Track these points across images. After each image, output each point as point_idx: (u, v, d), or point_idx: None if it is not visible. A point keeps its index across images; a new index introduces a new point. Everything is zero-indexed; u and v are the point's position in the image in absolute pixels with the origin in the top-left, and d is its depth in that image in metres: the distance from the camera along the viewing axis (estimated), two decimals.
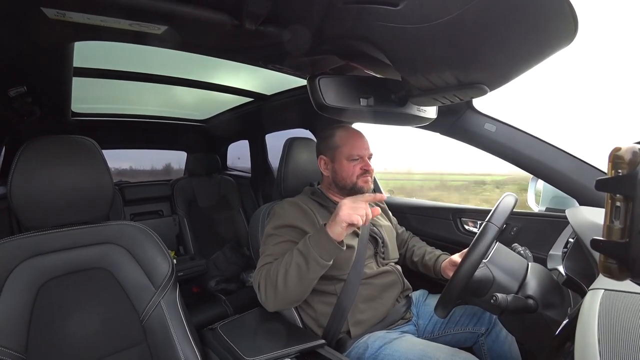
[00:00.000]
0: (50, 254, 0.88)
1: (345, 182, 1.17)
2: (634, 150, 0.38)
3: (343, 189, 1.19)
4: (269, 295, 0.97)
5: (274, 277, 0.95)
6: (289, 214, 1.10)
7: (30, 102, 1.22)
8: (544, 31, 0.56)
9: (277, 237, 1.07)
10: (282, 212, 1.12)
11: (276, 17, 0.76)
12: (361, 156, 1.16)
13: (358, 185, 1.16)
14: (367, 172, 1.16)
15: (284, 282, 0.93)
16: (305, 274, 0.92)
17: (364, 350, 1.02)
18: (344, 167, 1.16)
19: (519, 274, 0.91)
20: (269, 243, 1.08)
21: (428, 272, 1.30)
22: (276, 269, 0.96)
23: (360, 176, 1.16)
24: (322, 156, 1.22)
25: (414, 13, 0.56)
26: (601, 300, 0.50)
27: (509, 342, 1.13)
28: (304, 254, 0.93)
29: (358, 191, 1.17)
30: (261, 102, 1.92)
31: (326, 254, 0.91)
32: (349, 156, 1.16)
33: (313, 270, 0.92)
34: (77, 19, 0.70)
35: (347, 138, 1.18)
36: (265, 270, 1.00)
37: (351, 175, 1.16)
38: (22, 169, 0.83)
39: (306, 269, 0.92)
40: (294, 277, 0.93)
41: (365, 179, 1.16)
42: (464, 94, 0.74)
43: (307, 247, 0.92)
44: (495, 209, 0.93)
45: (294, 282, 0.93)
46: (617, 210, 0.40)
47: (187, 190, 2.47)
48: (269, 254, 1.04)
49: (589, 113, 3.93)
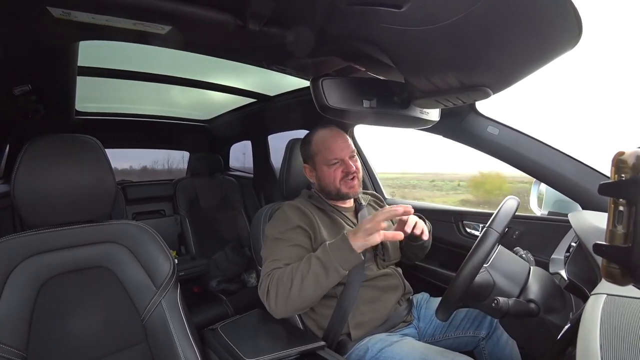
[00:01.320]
0: (53, 252, 0.88)
1: (330, 189, 1.15)
2: (638, 154, 0.38)
3: (329, 195, 1.17)
4: (279, 302, 0.94)
5: (287, 284, 0.92)
6: (290, 217, 1.09)
7: (35, 101, 1.22)
8: (547, 34, 0.56)
9: (285, 241, 1.04)
10: (285, 215, 1.10)
11: (280, 18, 0.76)
12: (340, 158, 1.13)
13: (342, 191, 1.13)
14: (348, 175, 1.12)
15: (299, 290, 0.91)
16: (322, 283, 0.90)
17: (364, 352, 1.02)
18: (324, 173, 1.14)
19: (520, 277, 0.91)
20: (277, 247, 1.04)
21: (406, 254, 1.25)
22: (290, 276, 0.93)
23: (342, 180, 1.13)
24: (305, 165, 1.21)
25: (417, 15, 0.56)
26: (603, 305, 0.50)
27: (510, 346, 1.12)
28: (324, 263, 0.90)
29: (344, 197, 1.16)
30: (264, 103, 1.92)
31: (346, 264, 0.90)
32: (327, 161, 1.13)
33: (331, 280, 0.91)
34: (82, 18, 0.71)
35: (323, 142, 1.15)
36: (276, 277, 0.96)
37: (333, 180, 1.13)
38: (26, 167, 0.84)
39: (325, 278, 0.90)
40: (310, 286, 0.91)
41: (350, 183, 1.13)
42: (467, 96, 0.74)
43: (328, 256, 0.90)
44: (497, 214, 0.93)
45: (310, 291, 0.91)
46: (620, 215, 0.39)
47: (189, 190, 2.48)
48: (276, 259, 1.01)
49: (593, 117, 3.92)
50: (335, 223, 1.15)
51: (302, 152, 1.23)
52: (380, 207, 1.38)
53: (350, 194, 1.15)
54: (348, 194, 1.15)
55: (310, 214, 1.11)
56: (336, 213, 1.18)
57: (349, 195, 1.15)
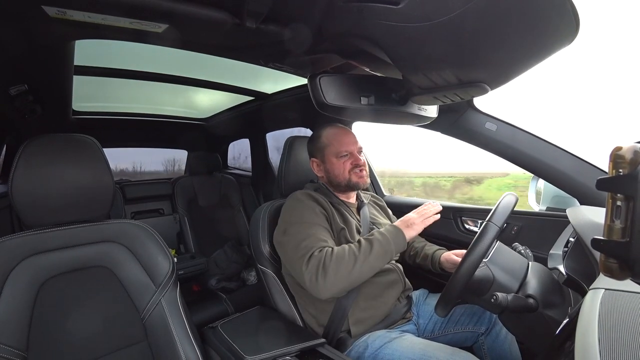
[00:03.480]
0: (51, 252, 0.88)
1: (339, 180, 1.18)
2: (635, 149, 0.38)
3: (338, 186, 1.20)
4: (338, 279, 0.94)
5: (350, 263, 0.95)
6: (307, 203, 1.11)
7: (32, 101, 1.22)
8: (545, 30, 0.56)
9: (305, 224, 1.05)
10: (299, 202, 1.12)
11: (277, 15, 0.76)
12: (349, 152, 1.18)
13: (352, 181, 1.17)
14: (357, 166, 1.17)
15: (360, 270, 0.96)
16: (380, 265, 1.00)
17: (364, 349, 1.02)
18: (334, 165, 1.18)
19: (519, 273, 0.91)
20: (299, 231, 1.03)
21: (425, 262, 1.28)
22: (353, 255, 0.96)
23: (351, 171, 1.17)
24: (313, 159, 1.24)
25: (414, 12, 0.56)
26: (602, 299, 0.50)
27: (509, 341, 1.13)
28: (384, 247, 0.99)
29: (353, 187, 1.18)
30: (262, 101, 1.92)
31: (399, 250, 1.02)
32: (337, 153, 1.17)
33: (384, 263, 1.01)
34: (78, 17, 0.70)
35: (334, 136, 1.20)
36: (334, 255, 0.95)
37: (343, 171, 1.17)
38: (23, 167, 0.83)
39: (382, 261, 0.99)
40: (370, 266, 0.97)
41: (359, 174, 1.18)
42: (465, 92, 0.74)
43: (387, 241, 0.99)
44: (496, 209, 0.93)
45: (368, 271, 0.98)
46: (618, 210, 0.39)
47: (188, 189, 2.47)
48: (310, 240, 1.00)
49: (590, 112, 3.91)
50: (342, 214, 1.17)
51: (310, 147, 1.26)
52: (379, 206, 1.38)
53: (360, 184, 1.18)
54: (358, 184, 1.18)
55: (322, 200, 1.14)
56: (342, 205, 1.19)
57: (359, 185, 1.18)
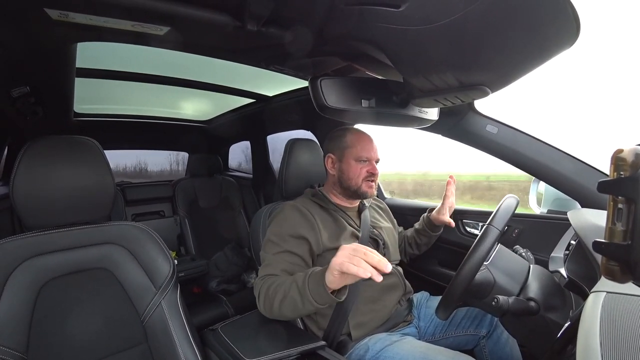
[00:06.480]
0: (52, 254, 0.88)
1: (350, 183, 1.17)
2: (637, 152, 0.38)
3: (347, 190, 1.19)
4: (266, 308, 0.96)
5: (272, 297, 0.93)
6: (289, 221, 1.09)
7: (33, 103, 1.22)
8: (545, 33, 0.56)
9: (276, 245, 1.05)
10: (283, 218, 1.11)
11: (278, 18, 0.76)
12: (369, 159, 1.18)
13: (362, 189, 1.17)
14: (372, 176, 1.17)
15: (279, 307, 0.92)
16: (300, 310, 0.89)
17: (364, 352, 1.02)
18: (351, 167, 1.17)
19: (520, 276, 0.91)
20: (268, 251, 1.06)
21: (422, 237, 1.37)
22: (275, 291, 0.93)
23: (365, 179, 1.17)
24: (330, 154, 1.22)
25: (415, 15, 0.56)
26: (603, 302, 0.50)
27: (510, 344, 1.12)
28: (300, 291, 0.87)
29: (361, 195, 1.18)
30: (263, 103, 1.92)
31: (320, 299, 0.84)
32: (358, 157, 1.17)
33: (307, 309, 0.88)
34: (80, 19, 0.70)
35: (358, 140, 1.19)
36: (266, 285, 0.97)
37: (357, 176, 1.16)
38: (25, 169, 0.83)
39: (301, 306, 0.88)
40: (289, 307, 0.91)
41: (370, 184, 1.17)
42: (466, 95, 0.74)
43: (304, 287, 0.86)
44: (497, 212, 0.93)
45: (288, 312, 0.92)
46: (620, 212, 0.39)
47: (189, 191, 2.48)
48: (268, 264, 1.03)
49: (592, 115, 3.91)
50: (337, 223, 1.15)
51: (329, 143, 1.25)
52: (381, 209, 1.38)
53: (367, 194, 1.18)
54: (366, 194, 1.18)
55: (310, 215, 1.11)
56: (339, 213, 1.18)
57: (367, 195, 1.18)
